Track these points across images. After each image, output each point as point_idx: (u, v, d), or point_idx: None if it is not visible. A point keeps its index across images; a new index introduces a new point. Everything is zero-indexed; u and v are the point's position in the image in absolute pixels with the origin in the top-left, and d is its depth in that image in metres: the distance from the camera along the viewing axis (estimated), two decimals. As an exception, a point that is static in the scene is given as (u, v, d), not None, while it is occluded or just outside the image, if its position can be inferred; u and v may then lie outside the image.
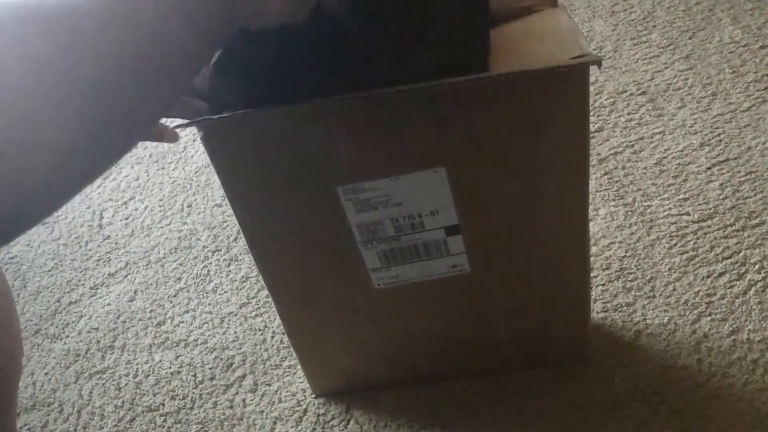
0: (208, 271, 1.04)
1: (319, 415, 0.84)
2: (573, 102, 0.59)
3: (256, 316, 0.96)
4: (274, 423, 0.84)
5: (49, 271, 1.12)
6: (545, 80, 0.56)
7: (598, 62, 0.53)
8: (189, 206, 1.16)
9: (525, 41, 0.61)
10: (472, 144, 0.61)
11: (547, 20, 0.63)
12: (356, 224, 0.67)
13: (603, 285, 0.89)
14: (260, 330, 0.94)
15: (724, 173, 0.98)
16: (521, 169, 0.63)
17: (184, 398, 0.90)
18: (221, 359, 0.92)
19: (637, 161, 1.02)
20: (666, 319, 0.84)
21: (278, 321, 0.93)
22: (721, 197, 0.95)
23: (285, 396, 0.87)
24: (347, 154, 0.62)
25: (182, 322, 0.99)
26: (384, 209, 0.65)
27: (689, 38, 1.19)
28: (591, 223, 0.92)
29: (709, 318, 0.83)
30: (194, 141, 1.28)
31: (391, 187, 0.64)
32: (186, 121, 0.59)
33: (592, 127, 1.00)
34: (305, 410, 0.85)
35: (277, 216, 0.67)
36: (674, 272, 0.88)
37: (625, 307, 0.86)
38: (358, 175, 0.63)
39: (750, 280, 0.85)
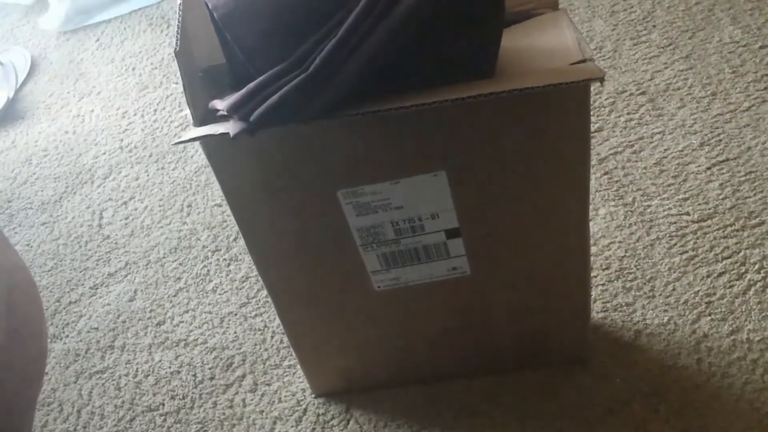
0: (208, 271, 1.04)
1: (318, 415, 0.84)
2: (574, 112, 0.59)
3: (255, 316, 0.96)
4: (274, 423, 0.85)
5: (49, 271, 1.12)
6: (548, 94, 0.56)
7: (601, 79, 0.53)
8: (189, 206, 1.16)
9: (526, 46, 0.61)
10: (472, 148, 0.61)
11: (548, 24, 0.63)
12: (356, 227, 0.67)
13: (603, 285, 0.89)
14: (260, 330, 0.94)
15: (723, 173, 0.98)
16: (522, 173, 0.63)
17: (184, 398, 0.90)
18: (221, 359, 0.93)
19: (636, 161, 1.02)
20: (666, 319, 0.84)
21: (278, 321, 0.93)
22: (720, 197, 0.95)
23: (285, 396, 0.87)
24: (348, 157, 0.62)
25: (182, 322, 0.99)
26: (384, 212, 0.65)
27: (689, 38, 1.19)
28: (591, 223, 0.92)
29: (709, 318, 0.83)
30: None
31: (391, 191, 0.64)
32: (188, 138, 0.59)
33: (591, 128, 1.00)
34: (305, 410, 0.85)
35: (277, 219, 0.67)
36: (674, 272, 0.88)
37: (624, 307, 0.86)
38: (359, 179, 0.63)
39: (750, 280, 0.86)
